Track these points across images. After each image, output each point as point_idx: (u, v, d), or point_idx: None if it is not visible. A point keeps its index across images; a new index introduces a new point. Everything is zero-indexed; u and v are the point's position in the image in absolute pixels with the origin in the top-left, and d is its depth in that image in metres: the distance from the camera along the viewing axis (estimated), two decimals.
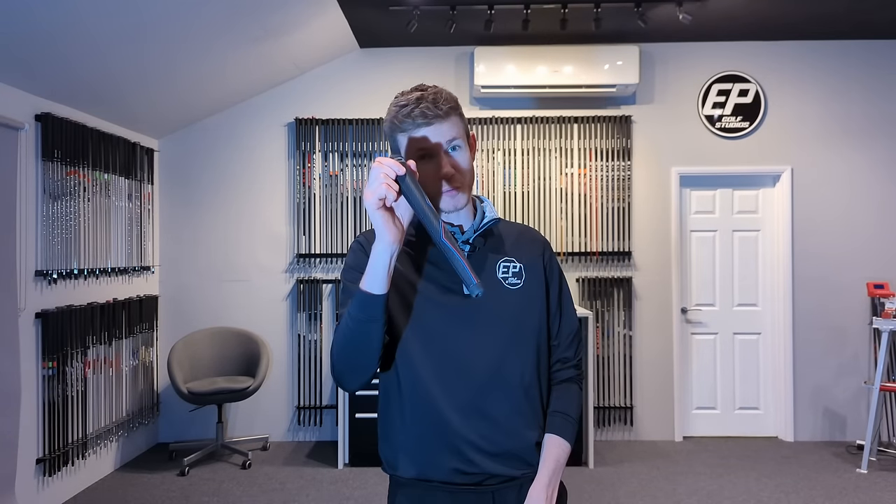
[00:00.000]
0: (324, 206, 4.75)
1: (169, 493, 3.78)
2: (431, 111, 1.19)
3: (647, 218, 4.78)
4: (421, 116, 1.19)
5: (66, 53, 3.25)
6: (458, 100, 1.27)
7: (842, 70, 4.74)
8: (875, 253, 4.71)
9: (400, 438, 1.27)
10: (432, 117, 1.19)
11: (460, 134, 1.24)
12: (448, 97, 1.23)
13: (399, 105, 1.22)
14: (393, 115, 1.23)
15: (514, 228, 1.40)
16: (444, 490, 1.24)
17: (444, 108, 1.20)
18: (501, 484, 1.25)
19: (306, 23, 4.07)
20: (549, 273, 1.36)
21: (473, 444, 1.23)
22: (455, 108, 1.23)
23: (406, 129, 1.21)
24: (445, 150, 1.22)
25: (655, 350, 4.77)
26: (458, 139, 1.23)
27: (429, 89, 1.23)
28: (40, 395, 3.44)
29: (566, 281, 1.42)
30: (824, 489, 3.80)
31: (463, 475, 1.23)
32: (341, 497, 3.71)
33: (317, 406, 4.75)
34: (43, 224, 3.46)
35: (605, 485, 3.87)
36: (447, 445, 1.23)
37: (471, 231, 1.30)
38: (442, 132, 1.21)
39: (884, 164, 4.73)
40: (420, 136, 1.21)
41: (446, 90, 1.25)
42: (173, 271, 4.77)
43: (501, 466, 1.24)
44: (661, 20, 4.25)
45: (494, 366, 1.24)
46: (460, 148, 1.23)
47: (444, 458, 1.23)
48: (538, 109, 4.77)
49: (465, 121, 1.28)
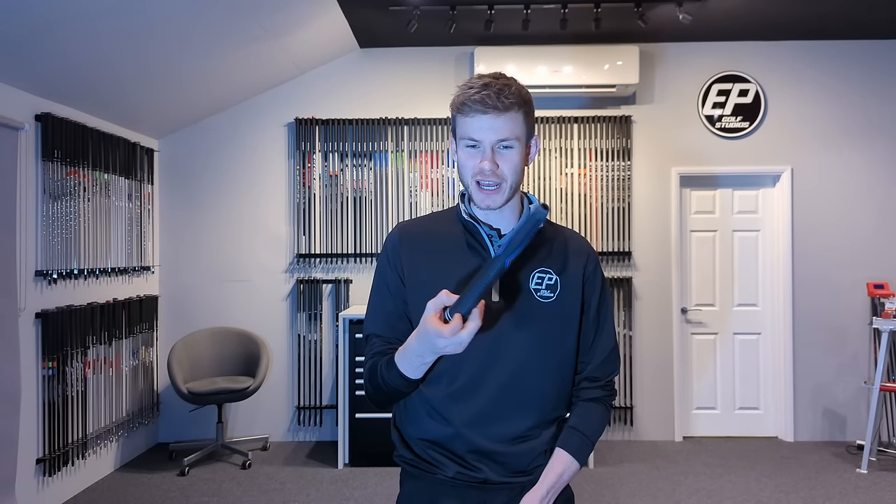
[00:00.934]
0: (324, 206, 4.75)
1: (169, 493, 3.78)
2: (491, 101, 1.14)
3: (647, 218, 4.78)
4: (480, 103, 1.14)
5: (67, 54, 3.25)
6: (530, 99, 1.21)
7: (842, 70, 4.74)
8: (875, 253, 4.71)
9: (410, 432, 1.28)
10: (490, 107, 1.14)
11: (517, 133, 1.18)
12: (516, 92, 1.17)
13: (466, 86, 1.18)
14: (457, 95, 1.19)
15: (562, 235, 1.33)
16: (446, 483, 1.25)
17: (506, 103, 1.15)
18: (502, 484, 1.25)
19: (306, 23, 4.07)
20: (590, 288, 1.29)
21: (478, 455, 1.23)
22: (519, 104, 1.17)
23: (465, 111, 1.17)
24: (493, 145, 1.17)
25: (655, 350, 4.77)
26: (511, 139, 1.17)
27: (500, 80, 1.17)
28: (40, 395, 3.44)
29: (609, 297, 1.34)
30: (824, 489, 3.80)
31: (465, 475, 1.24)
32: (341, 497, 3.71)
33: (317, 406, 4.75)
34: (43, 224, 3.46)
35: (605, 485, 3.87)
36: (452, 453, 1.24)
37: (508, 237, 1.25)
38: (496, 127, 1.16)
39: (884, 164, 4.73)
40: (474, 125, 1.17)
41: (520, 86, 1.19)
42: (173, 271, 4.77)
43: (505, 476, 1.24)
44: (661, 20, 4.25)
45: (509, 378, 1.22)
46: (511, 148, 1.18)
47: (448, 463, 1.24)
48: (538, 109, 4.70)
49: (530, 121, 1.22)
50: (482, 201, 1.20)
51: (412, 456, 1.28)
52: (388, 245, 1.30)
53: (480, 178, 1.18)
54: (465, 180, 1.22)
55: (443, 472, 1.24)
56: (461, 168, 1.21)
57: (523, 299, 1.23)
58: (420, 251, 1.28)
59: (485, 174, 1.17)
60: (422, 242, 1.29)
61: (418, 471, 1.27)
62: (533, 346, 1.22)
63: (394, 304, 1.27)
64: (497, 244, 1.23)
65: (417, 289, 1.24)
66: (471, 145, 1.19)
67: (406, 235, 1.30)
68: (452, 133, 1.24)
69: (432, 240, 1.29)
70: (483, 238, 1.25)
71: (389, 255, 1.29)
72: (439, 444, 1.25)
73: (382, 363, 1.19)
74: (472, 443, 1.22)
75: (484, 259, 1.23)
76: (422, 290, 1.20)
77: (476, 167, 1.18)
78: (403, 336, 1.18)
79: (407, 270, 1.26)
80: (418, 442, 1.27)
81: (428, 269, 1.25)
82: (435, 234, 1.29)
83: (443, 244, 1.27)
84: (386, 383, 1.17)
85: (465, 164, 1.20)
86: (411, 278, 1.26)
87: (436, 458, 1.25)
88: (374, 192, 4.75)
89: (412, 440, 1.28)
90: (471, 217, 1.26)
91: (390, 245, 1.30)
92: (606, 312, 1.32)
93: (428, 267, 1.25)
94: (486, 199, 1.20)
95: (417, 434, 1.27)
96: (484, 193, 1.19)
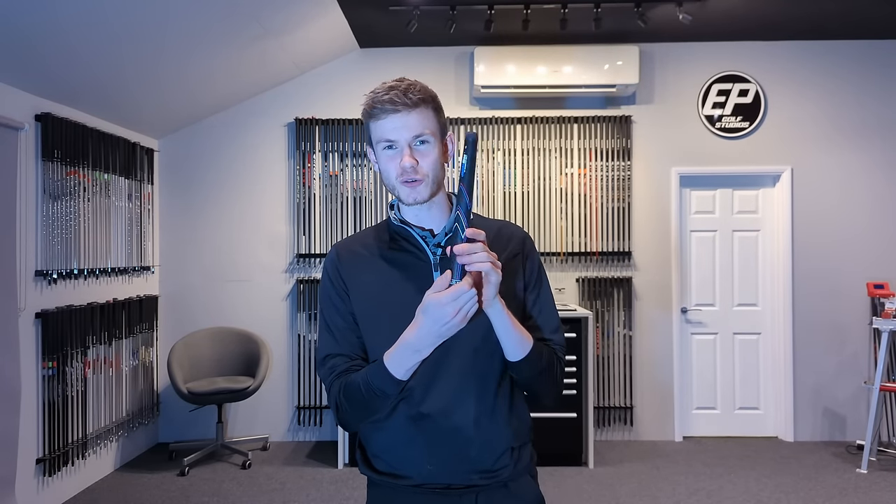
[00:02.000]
0: (324, 206, 4.75)
1: (169, 493, 3.78)
2: (400, 98, 1.17)
3: (647, 218, 4.78)
4: (389, 103, 1.17)
5: (67, 54, 3.25)
6: (435, 96, 1.24)
7: (842, 70, 4.74)
8: (875, 253, 4.71)
9: (370, 445, 1.29)
10: (400, 105, 1.17)
11: (431, 128, 1.21)
12: (422, 89, 1.21)
13: (372, 92, 1.21)
14: (365, 102, 1.22)
15: (493, 225, 1.35)
16: (412, 492, 1.25)
17: (414, 99, 1.18)
18: (468, 488, 1.24)
19: (307, 23, 4.07)
20: (528, 269, 1.31)
21: (438, 451, 1.22)
22: (427, 100, 1.20)
23: (375, 115, 1.20)
24: (410, 143, 1.19)
25: (655, 350, 4.77)
26: (426, 133, 1.20)
27: (405, 81, 1.20)
28: (40, 395, 3.44)
29: (546, 276, 1.36)
30: (824, 489, 3.80)
31: (431, 483, 1.23)
32: (341, 497, 3.71)
33: (317, 406, 4.75)
34: (43, 224, 3.46)
35: (605, 485, 3.87)
36: (413, 452, 1.23)
37: (441, 234, 1.25)
38: (408, 124, 1.18)
39: (884, 164, 4.73)
40: (387, 126, 1.19)
41: (424, 85, 1.22)
42: (173, 271, 4.77)
43: (467, 476, 1.23)
44: (661, 20, 4.25)
45: (464, 369, 1.22)
46: (427, 142, 1.20)
47: (409, 465, 1.24)
48: (538, 109, 4.76)
49: (441, 117, 1.25)
50: (408, 196, 1.22)
51: (374, 473, 1.29)
52: (327, 265, 1.32)
53: (404, 176, 1.20)
54: (390, 183, 1.24)
55: (407, 482, 1.24)
56: (384, 174, 1.24)
57: None
58: (359, 264, 1.30)
59: (406, 171, 1.19)
60: (359, 255, 1.31)
61: (382, 480, 1.28)
62: (485, 333, 1.21)
63: (343, 320, 1.28)
64: (432, 243, 1.25)
65: (362, 301, 1.26)
66: (388, 146, 1.21)
67: (343, 252, 1.32)
68: (368, 142, 1.27)
69: (368, 249, 1.31)
70: (417, 240, 1.26)
71: (330, 274, 1.31)
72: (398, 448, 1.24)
73: (362, 373, 1.18)
74: (429, 438, 1.22)
75: (420, 259, 1.25)
76: (367, 300, 1.25)
77: (398, 167, 1.20)
78: (360, 349, 1.23)
79: (349, 284, 1.28)
80: (378, 453, 1.27)
81: (369, 279, 1.27)
82: (370, 245, 1.32)
83: (379, 252, 1.30)
84: (370, 389, 1.16)
85: (387, 168, 1.23)
86: (355, 291, 1.28)
87: (397, 468, 1.25)
88: (374, 192, 4.75)
89: (372, 453, 1.29)
90: (402, 222, 1.28)
91: (329, 265, 1.32)
92: (545, 291, 1.34)
93: (369, 276, 1.27)
94: (413, 193, 1.21)
95: (375, 443, 1.27)
96: (409, 188, 1.21)
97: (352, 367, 1.23)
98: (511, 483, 1.27)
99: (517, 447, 1.27)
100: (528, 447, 1.32)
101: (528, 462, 1.31)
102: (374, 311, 1.25)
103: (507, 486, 1.26)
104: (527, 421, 1.32)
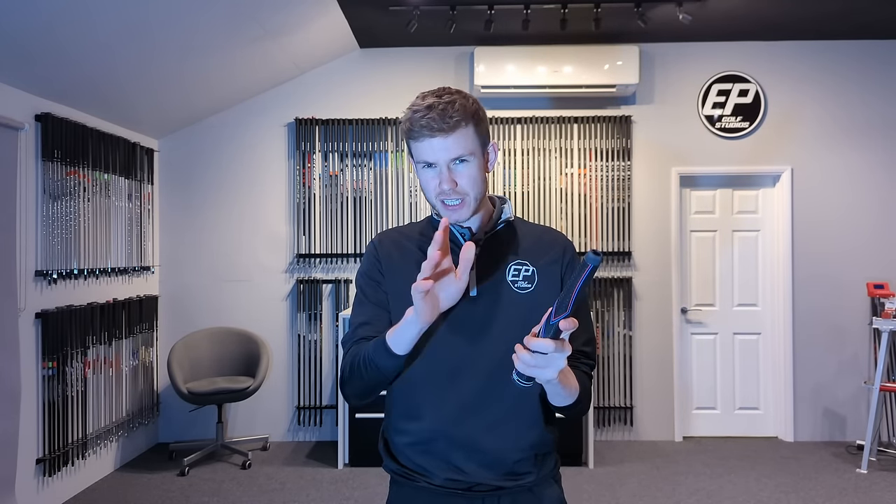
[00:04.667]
0: (324, 206, 4.75)
1: (169, 493, 3.78)
2: (437, 124, 1.16)
3: (647, 218, 4.78)
4: (426, 128, 1.17)
5: (67, 54, 3.25)
6: (477, 109, 1.22)
7: (842, 70, 4.74)
8: (875, 253, 4.71)
9: (394, 440, 1.30)
10: (437, 130, 1.17)
11: (470, 148, 1.20)
12: (461, 107, 1.18)
13: (411, 110, 1.20)
14: (404, 118, 1.22)
15: (535, 230, 1.36)
16: (434, 492, 1.25)
17: (451, 122, 1.17)
18: (491, 491, 1.24)
19: (306, 23, 4.07)
20: (569, 273, 1.30)
21: (461, 450, 1.22)
22: (466, 119, 1.19)
23: (414, 136, 1.20)
24: (449, 164, 1.19)
25: (655, 350, 4.77)
26: (465, 154, 1.19)
27: (444, 97, 1.19)
28: (40, 395, 3.44)
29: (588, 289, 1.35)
30: (824, 489, 3.80)
31: (453, 481, 1.23)
32: (341, 497, 3.71)
33: (317, 406, 4.75)
34: (43, 224, 3.46)
35: (605, 485, 3.87)
36: (436, 453, 1.24)
37: (481, 232, 1.28)
38: (447, 147, 1.18)
39: (884, 164, 4.73)
40: (425, 147, 1.20)
41: (463, 98, 1.20)
42: (173, 271, 4.77)
43: (491, 476, 1.23)
44: (661, 20, 4.25)
45: (491, 372, 1.22)
46: (467, 162, 1.20)
47: (433, 465, 1.24)
48: (538, 109, 4.76)
49: (482, 129, 1.23)
50: (452, 218, 1.24)
51: (397, 466, 1.29)
52: (368, 249, 1.37)
53: (443, 197, 1.22)
54: (430, 199, 1.26)
55: (429, 480, 1.24)
56: (425, 190, 1.26)
57: (501, 291, 1.25)
58: (396, 252, 1.33)
59: (446, 193, 1.21)
60: (399, 245, 1.34)
61: (404, 479, 1.28)
62: (513, 337, 1.20)
63: (377, 298, 1.31)
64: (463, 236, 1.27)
65: (395, 287, 1.29)
66: (426, 166, 1.22)
67: (385, 239, 1.36)
68: (410, 155, 1.28)
69: (410, 241, 1.34)
70: (457, 237, 1.29)
71: (369, 257, 1.35)
72: (421, 446, 1.25)
73: (371, 344, 1.19)
74: (453, 438, 1.22)
75: (455, 253, 1.25)
76: (401, 287, 1.25)
77: (437, 188, 1.22)
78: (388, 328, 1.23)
79: (385, 269, 1.31)
80: (402, 449, 1.28)
81: (405, 268, 1.28)
82: (413, 238, 1.35)
83: (418, 245, 1.32)
84: (368, 361, 1.16)
85: (426, 185, 1.24)
86: (390, 276, 1.30)
87: (421, 464, 1.25)
88: (374, 193, 4.75)
89: (396, 448, 1.29)
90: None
91: (371, 248, 1.36)
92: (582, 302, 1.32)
93: (405, 266, 1.29)
94: (453, 216, 1.23)
95: (400, 439, 1.28)
96: (449, 210, 1.23)
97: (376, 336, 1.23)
98: (535, 487, 1.27)
99: (541, 455, 1.28)
100: (552, 455, 1.32)
101: (553, 467, 1.32)
102: (406, 300, 1.24)
103: (532, 490, 1.27)
104: (553, 431, 1.32)
